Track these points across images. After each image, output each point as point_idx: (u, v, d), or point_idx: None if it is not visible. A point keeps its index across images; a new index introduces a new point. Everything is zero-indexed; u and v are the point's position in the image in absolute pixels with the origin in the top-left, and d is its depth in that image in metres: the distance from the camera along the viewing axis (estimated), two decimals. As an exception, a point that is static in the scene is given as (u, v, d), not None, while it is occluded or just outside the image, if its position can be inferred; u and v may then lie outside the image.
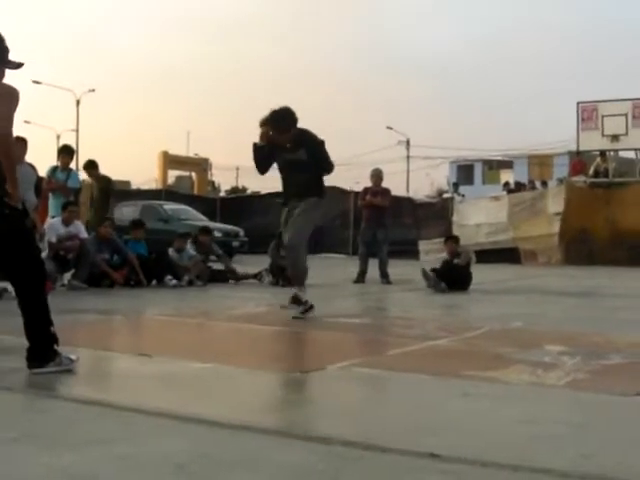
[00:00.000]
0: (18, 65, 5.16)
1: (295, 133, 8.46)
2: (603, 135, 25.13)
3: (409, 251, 24.71)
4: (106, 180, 15.26)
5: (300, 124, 8.45)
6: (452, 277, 12.51)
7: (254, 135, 8.53)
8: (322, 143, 8.61)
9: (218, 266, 14.38)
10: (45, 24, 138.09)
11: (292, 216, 8.57)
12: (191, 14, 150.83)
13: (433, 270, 12.48)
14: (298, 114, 8.39)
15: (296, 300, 8.47)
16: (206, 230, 15.38)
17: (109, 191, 15.18)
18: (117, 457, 3.13)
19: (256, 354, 6.41)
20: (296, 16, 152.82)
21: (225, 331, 7.59)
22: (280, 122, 8.37)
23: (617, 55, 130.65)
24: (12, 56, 5.11)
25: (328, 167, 8.77)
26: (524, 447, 3.38)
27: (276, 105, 8.36)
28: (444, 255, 13.79)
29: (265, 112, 8.48)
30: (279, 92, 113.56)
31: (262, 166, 8.73)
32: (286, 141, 8.40)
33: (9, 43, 5.09)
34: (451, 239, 14.28)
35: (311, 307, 8.32)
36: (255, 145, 8.52)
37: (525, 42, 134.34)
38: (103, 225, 12.64)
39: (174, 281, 12.50)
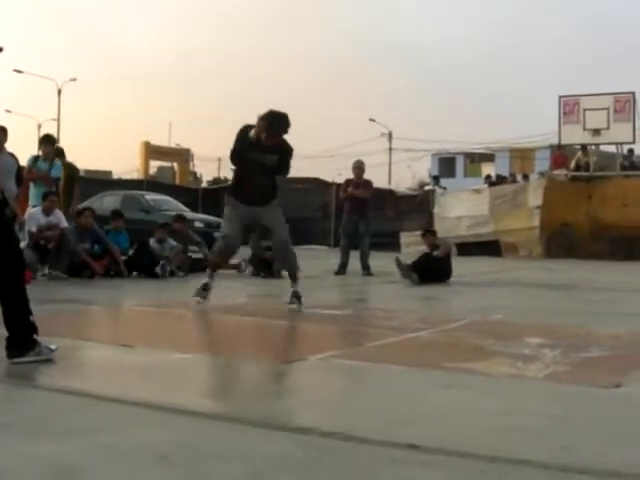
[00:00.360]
0: None
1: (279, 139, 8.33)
2: (585, 129, 25.20)
3: (391, 243, 24.73)
4: (72, 168, 15.20)
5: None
6: (432, 269, 12.50)
7: (236, 127, 8.45)
8: (292, 152, 8.57)
9: (197, 256, 14.31)
10: (26, 12, 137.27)
11: (257, 218, 8.59)
12: (174, 6, 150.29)
13: (412, 263, 12.45)
14: (280, 104, 8.35)
15: (297, 295, 8.55)
16: (181, 218, 15.36)
17: (74, 179, 15.13)
18: (98, 447, 3.13)
19: (237, 345, 6.41)
20: (278, 8, 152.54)
21: (206, 322, 7.59)
22: (278, 127, 8.21)
23: (599, 49, 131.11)
24: None
25: (286, 173, 8.82)
26: (503, 438, 3.40)
27: (277, 108, 8.25)
28: (424, 248, 13.81)
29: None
30: (261, 84, 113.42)
31: (238, 155, 8.52)
32: (268, 143, 8.22)
33: None
34: (429, 232, 14.33)
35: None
36: (246, 130, 8.34)
37: (508, 36, 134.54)
38: (84, 215, 12.59)
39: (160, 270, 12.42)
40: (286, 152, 8.47)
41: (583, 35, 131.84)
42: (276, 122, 8.15)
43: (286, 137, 8.38)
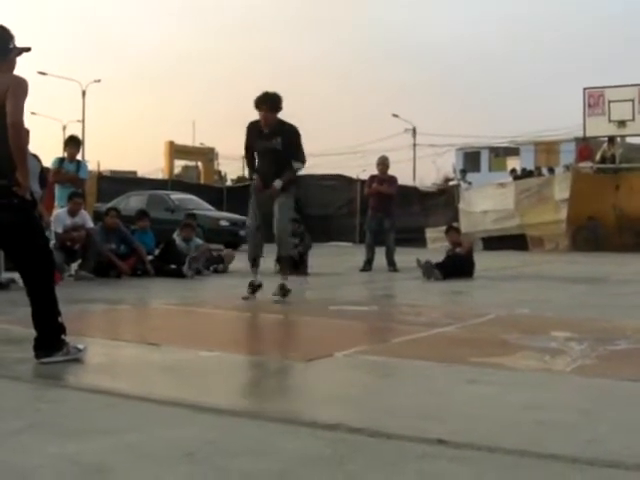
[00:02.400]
0: (27, 49, 5.20)
1: (276, 121, 8.92)
2: (610, 121, 25.03)
3: (416, 239, 24.71)
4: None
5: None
6: (456, 266, 12.51)
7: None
8: (298, 135, 9.07)
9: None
10: (50, 15, 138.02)
11: (271, 203, 8.96)
12: (197, 6, 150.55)
13: (435, 264, 12.40)
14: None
15: (283, 288, 8.84)
16: (192, 216, 15.61)
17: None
18: (125, 446, 3.14)
19: (263, 342, 6.43)
20: (300, 6, 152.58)
21: (232, 320, 7.60)
22: (276, 101, 8.90)
23: (623, 40, 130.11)
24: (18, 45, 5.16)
25: (301, 158, 9.18)
26: (531, 433, 3.39)
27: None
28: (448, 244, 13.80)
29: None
30: (285, 82, 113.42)
31: (248, 149, 9.30)
32: (265, 126, 8.88)
33: (13, 31, 5.11)
34: (452, 229, 14.41)
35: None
36: (250, 124, 9.13)
37: (531, 29, 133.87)
38: (109, 215, 12.65)
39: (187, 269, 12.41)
40: (288, 133, 8.95)
41: (607, 26, 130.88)
42: (260, 100, 8.85)
43: (284, 120, 9.00)
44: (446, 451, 3.11)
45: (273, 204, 8.92)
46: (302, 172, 9.59)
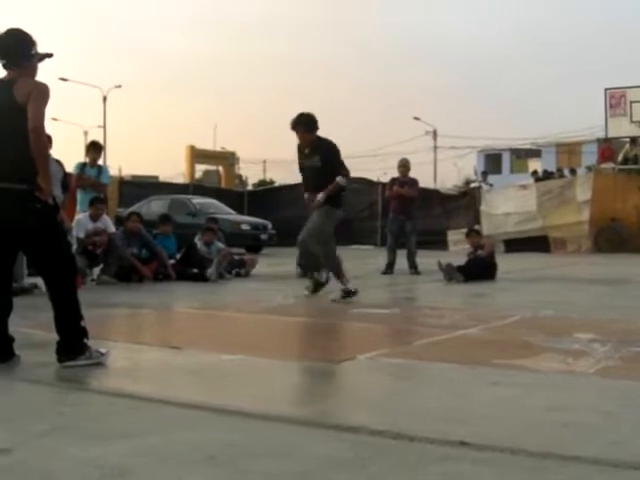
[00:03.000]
0: (49, 55, 5.24)
1: (314, 139, 9.43)
2: (632, 121, 24.84)
3: (438, 241, 24.62)
4: None
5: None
6: (477, 269, 12.48)
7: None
8: (337, 152, 9.56)
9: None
10: (70, 21, 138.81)
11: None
12: (216, 11, 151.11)
13: (457, 267, 12.37)
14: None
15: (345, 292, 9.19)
16: (213, 220, 15.63)
17: None
18: (147, 448, 3.15)
19: (285, 345, 6.43)
20: (317, 9, 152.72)
21: (254, 323, 7.61)
22: (310, 122, 9.40)
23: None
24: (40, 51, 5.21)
25: (343, 172, 9.67)
26: (554, 435, 3.37)
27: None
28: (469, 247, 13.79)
29: (293, 113, 9.48)
30: (304, 86, 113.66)
31: (300, 168, 9.89)
32: (306, 145, 9.43)
33: (35, 37, 5.15)
34: (473, 232, 14.45)
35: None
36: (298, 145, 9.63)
37: (551, 29, 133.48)
38: (131, 219, 12.69)
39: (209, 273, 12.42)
40: (325, 150, 9.39)
41: (628, 26, 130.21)
42: (295, 122, 9.42)
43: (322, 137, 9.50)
44: (469, 453, 3.10)
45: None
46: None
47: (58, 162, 10.49)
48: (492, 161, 62.34)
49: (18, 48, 5.07)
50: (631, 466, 2.94)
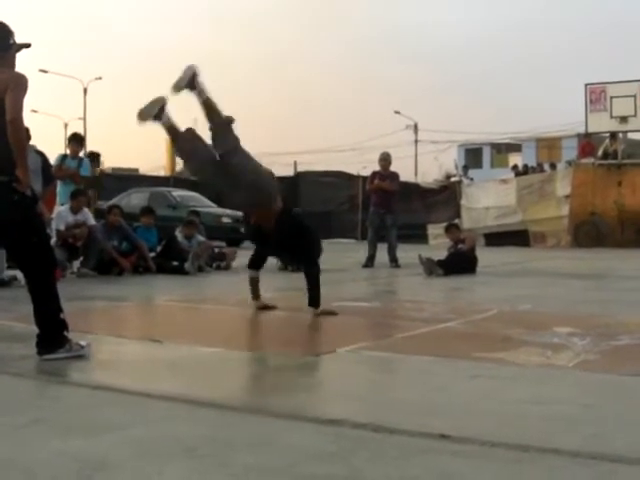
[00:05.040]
0: (26, 45, 5.20)
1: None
2: (612, 117, 24.93)
3: (418, 235, 24.69)
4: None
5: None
6: (458, 263, 12.52)
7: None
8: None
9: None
10: (50, 12, 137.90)
11: None
12: (203, 6, 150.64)
13: (438, 261, 12.41)
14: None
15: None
16: (196, 213, 15.71)
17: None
18: (128, 441, 3.15)
19: (266, 338, 6.43)
20: (303, 6, 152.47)
21: (234, 316, 7.60)
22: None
23: (625, 36, 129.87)
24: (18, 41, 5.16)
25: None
26: (534, 427, 3.39)
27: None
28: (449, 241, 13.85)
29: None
30: (285, 78, 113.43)
31: None
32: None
33: (12, 27, 5.12)
34: (452, 226, 14.61)
35: None
36: None
37: (533, 25, 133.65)
38: (112, 212, 12.64)
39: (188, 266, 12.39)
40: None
41: (607, 22, 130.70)
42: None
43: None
44: (449, 446, 3.11)
45: None
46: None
47: (41, 153, 10.45)
48: (472, 155, 62.53)
49: None
50: (610, 459, 2.95)
